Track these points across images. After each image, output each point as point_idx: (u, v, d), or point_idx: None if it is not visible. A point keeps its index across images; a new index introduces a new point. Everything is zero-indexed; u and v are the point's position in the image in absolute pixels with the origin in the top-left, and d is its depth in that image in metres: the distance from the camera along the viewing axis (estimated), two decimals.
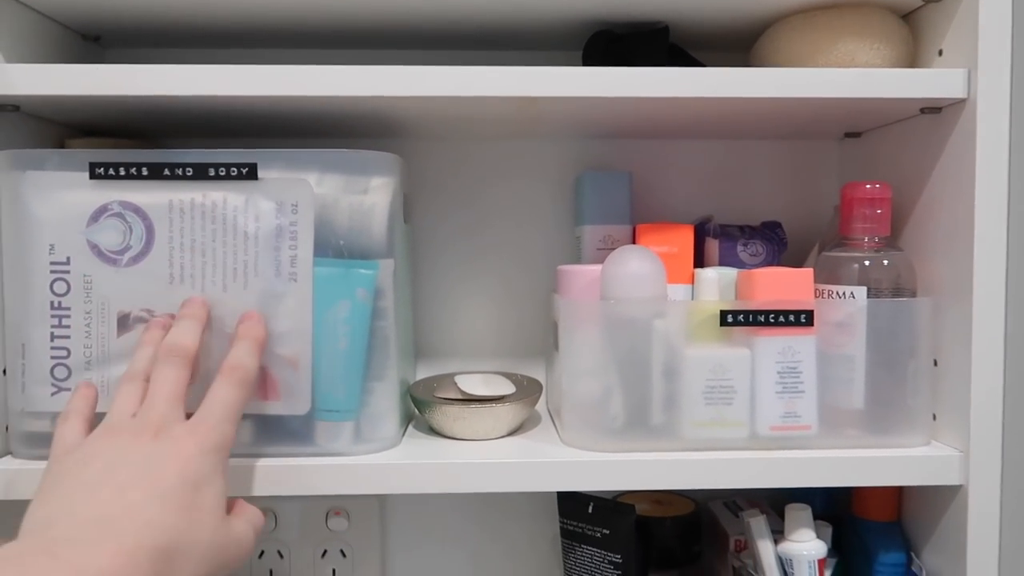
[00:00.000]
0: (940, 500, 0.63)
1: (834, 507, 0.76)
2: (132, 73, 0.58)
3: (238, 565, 0.50)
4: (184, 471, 0.48)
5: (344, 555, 0.81)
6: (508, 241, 0.82)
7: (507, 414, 0.65)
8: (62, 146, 0.70)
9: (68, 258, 0.58)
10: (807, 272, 0.62)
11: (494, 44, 0.77)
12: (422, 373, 0.81)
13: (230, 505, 0.52)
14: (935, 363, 0.63)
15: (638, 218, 0.76)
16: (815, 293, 0.63)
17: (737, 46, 0.75)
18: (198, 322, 0.56)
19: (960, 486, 0.60)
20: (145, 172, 0.58)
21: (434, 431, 0.67)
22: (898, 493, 0.71)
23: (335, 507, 0.80)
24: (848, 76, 0.60)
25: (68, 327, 0.58)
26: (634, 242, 0.71)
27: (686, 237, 0.68)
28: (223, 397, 0.52)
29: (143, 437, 0.49)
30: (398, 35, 0.74)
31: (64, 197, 0.58)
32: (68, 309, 0.58)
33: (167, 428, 0.49)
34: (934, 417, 0.63)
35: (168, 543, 0.44)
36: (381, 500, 0.82)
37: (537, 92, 0.59)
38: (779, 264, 0.73)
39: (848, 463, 0.60)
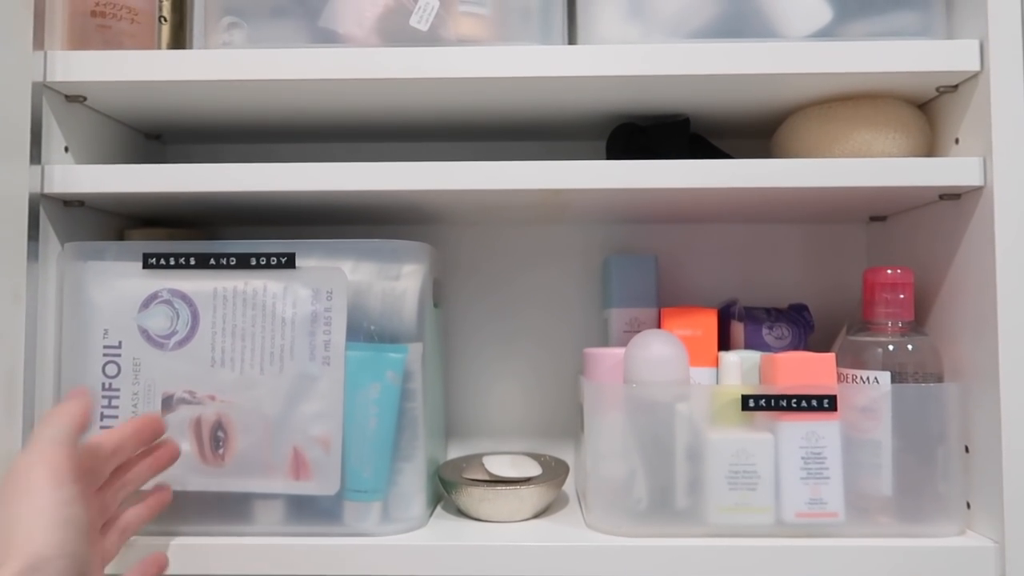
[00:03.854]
0: None
1: None
2: (186, 172, 0.63)
3: None
4: None
5: None
6: (538, 323, 0.84)
7: (532, 496, 0.65)
8: (122, 237, 0.75)
9: (120, 342, 0.62)
10: (829, 357, 0.62)
11: (521, 135, 0.81)
12: (453, 453, 0.82)
13: None
14: (966, 450, 0.62)
15: (664, 301, 0.77)
16: (839, 377, 0.64)
17: (758, 134, 0.77)
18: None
19: None
20: (193, 262, 0.62)
21: (461, 512, 0.68)
22: None
23: None
24: (865, 165, 0.61)
25: (117, 407, 0.62)
26: (659, 326, 0.72)
27: (710, 320, 0.69)
28: None
29: None
30: (430, 128, 0.78)
31: (119, 285, 0.62)
32: (118, 390, 0.62)
33: None
34: (968, 505, 0.62)
35: None
36: None
37: (561, 185, 0.62)
38: (806, 347, 0.73)
39: (878, 552, 0.59)
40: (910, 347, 0.63)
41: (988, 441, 0.60)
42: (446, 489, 0.69)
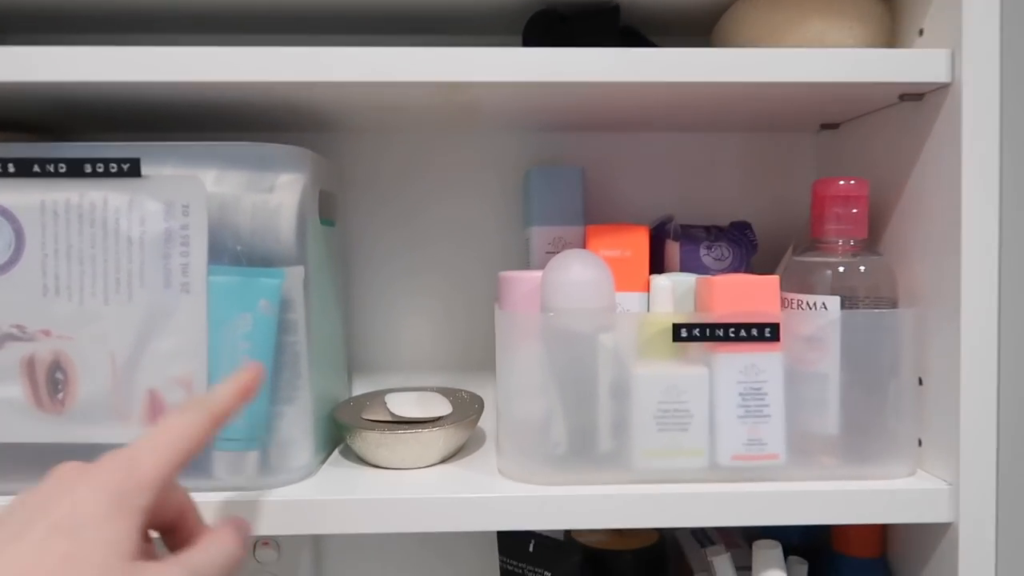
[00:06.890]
0: (929, 537, 0.56)
1: (813, 540, 0.68)
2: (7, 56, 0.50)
3: None
4: None
5: None
6: (453, 244, 0.74)
7: (436, 440, 0.57)
8: None
9: None
10: (772, 280, 0.54)
11: (426, 29, 0.70)
12: (360, 390, 0.74)
13: None
14: (920, 382, 0.56)
15: (592, 218, 0.69)
16: (783, 303, 0.56)
17: (697, 29, 0.68)
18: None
19: (950, 523, 0.53)
20: (12, 169, 0.50)
21: (361, 459, 0.60)
22: (882, 528, 0.63)
23: (263, 537, 0.73)
24: (816, 57, 0.52)
25: None
26: (584, 246, 0.63)
27: (641, 239, 0.61)
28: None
29: None
30: (318, 18, 0.67)
31: None
32: None
33: None
34: (920, 443, 0.56)
35: None
36: None
37: (465, 77, 0.52)
38: (749, 269, 0.65)
39: (821, 497, 0.53)
40: (862, 268, 0.56)
41: (945, 372, 0.53)
42: (341, 432, 0.60)
